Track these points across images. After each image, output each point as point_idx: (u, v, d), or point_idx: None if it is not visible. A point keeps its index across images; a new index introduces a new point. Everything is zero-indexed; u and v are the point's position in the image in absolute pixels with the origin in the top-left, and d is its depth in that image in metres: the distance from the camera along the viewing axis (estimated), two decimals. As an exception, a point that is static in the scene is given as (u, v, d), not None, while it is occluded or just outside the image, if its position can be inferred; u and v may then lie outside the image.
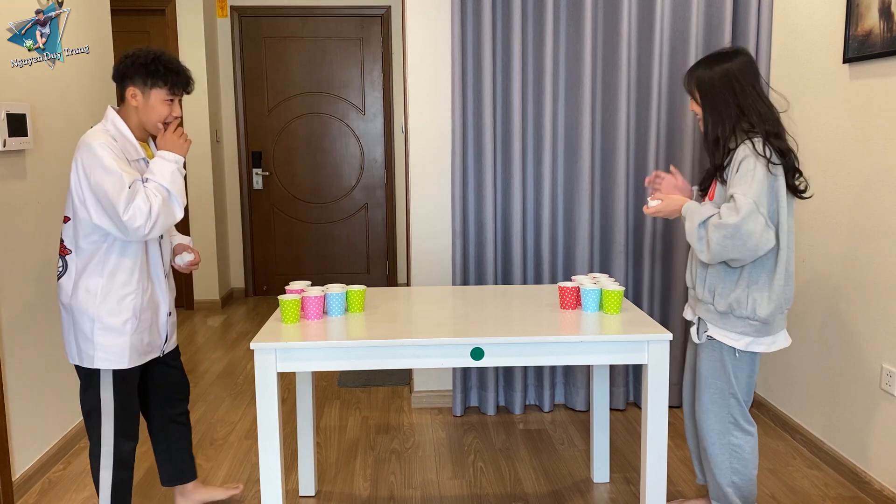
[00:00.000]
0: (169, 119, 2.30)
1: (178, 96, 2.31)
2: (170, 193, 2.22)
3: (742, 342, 2.28)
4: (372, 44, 6.14)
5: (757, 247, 2.13)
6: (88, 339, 2.24)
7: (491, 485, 2.92)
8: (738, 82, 2.21)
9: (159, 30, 5.63)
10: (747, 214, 2.10)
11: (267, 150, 6.20)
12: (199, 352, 4.76)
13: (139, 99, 2.26)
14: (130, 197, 2.14)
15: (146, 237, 2.20)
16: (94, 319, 2.24)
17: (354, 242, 6.36)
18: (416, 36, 3.51)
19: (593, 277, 2.59)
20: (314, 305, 2.36)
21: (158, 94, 2.26)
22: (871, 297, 2.75)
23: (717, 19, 3.41)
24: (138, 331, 2.30)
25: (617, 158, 3.47)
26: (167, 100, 2.28)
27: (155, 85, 2.25)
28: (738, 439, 2.36)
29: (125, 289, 2.26)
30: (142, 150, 2.32)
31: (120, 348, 2.26)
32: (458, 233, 3.48)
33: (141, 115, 2.28)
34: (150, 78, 2.24)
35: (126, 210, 2.13)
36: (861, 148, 2.80)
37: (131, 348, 2.29)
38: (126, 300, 2.26)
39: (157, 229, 2.20)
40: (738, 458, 2.37)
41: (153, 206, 2.16)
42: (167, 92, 2.27)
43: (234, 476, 3.02)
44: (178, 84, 2.28)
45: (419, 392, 3.76)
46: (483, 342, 2.18)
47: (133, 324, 2.28)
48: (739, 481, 2.38)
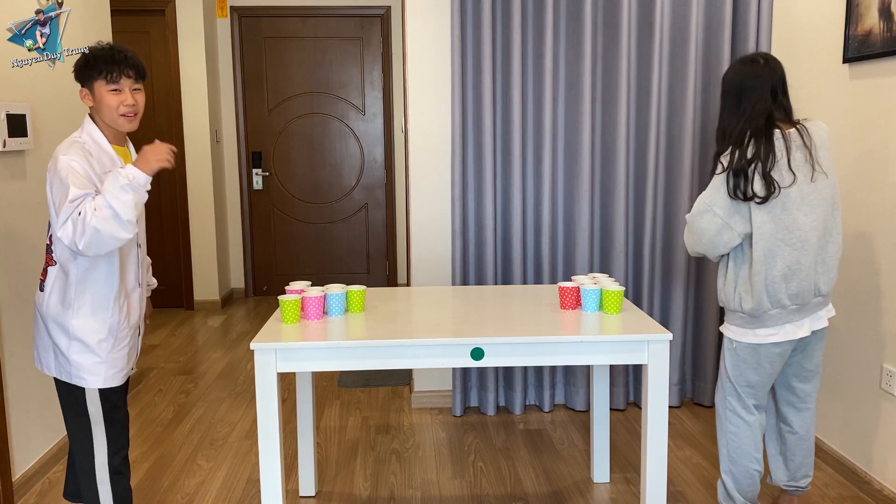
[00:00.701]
0: (123, 109, 2.13)
1: (119, 83, 2.13)
2: (113, 211, 2.00)
3: (736, 333, 2.38)
4: (372, 44, 6.14)
5: (713, 243, 2.32)
6: (64, 355, 2.15)
7: (491, 485, 2.92)
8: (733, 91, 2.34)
9: (159, 30, 5.64)
10: (697, 213, 2.34)
11: (267, 151, 6.20)
12: (199, 352, 4.76)
13: (90, 98, 2.15)
14: (69, 210, 1.99)
15: (82, 253, 2.02)
16: (69, 336, 2.13)
17: (354, 243, 6.36)
18: (416, 36, 3.51)
19: (593, 277, 2.59)
20: (314, 305, 2.36)
21: (100, 87, 2.12)
22: (871, 297, 2.75)
23: (717, 19, 3.41)
24: (116, 349, 2.19)
25: (617, 158, 3.47)
26: (111, 89, 2.12)
27: (91, 79, 2.12)
28: (734, 426, 2.43)
29: (101, 305, 2.15)
30: (119, 158, 2.17)
31: (94, 367, 2.15)
32: (457, 233, 3.48)
33: (99, 114, 2.15)
34: (86, 72, 2.13)
35: (61, 223, 2.00)
36: (861, 148, 2.80)
37: (109, 367, 2.18)
38: (103, 317, 2.16)
39: (91, 246, 2.00)
40: (734, 446, 2.43)
41: (87, 220, 1.98)
42: (105, 81, 2.11)
43: (234, 476, 3.02)
44: (111, 70, 2.11)
45: (419, 392, 3.76)
46: (483, 342, 2.18)
47: (110, 342, 2.18)
48: (736, 472, 2.43)
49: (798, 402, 2.49)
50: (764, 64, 2.31)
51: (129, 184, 2.02)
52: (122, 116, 2.14)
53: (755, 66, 2.31)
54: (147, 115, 5.71)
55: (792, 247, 2.26)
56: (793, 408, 2.50)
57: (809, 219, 2.26)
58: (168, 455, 3.22)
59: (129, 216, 2.02)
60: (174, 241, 5.84)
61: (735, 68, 2.36)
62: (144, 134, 5.73)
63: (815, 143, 2.28)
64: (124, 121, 2.15)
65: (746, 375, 2.39)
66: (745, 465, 2.42)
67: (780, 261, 2.26)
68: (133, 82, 2.16)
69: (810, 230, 2.27)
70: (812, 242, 2.27)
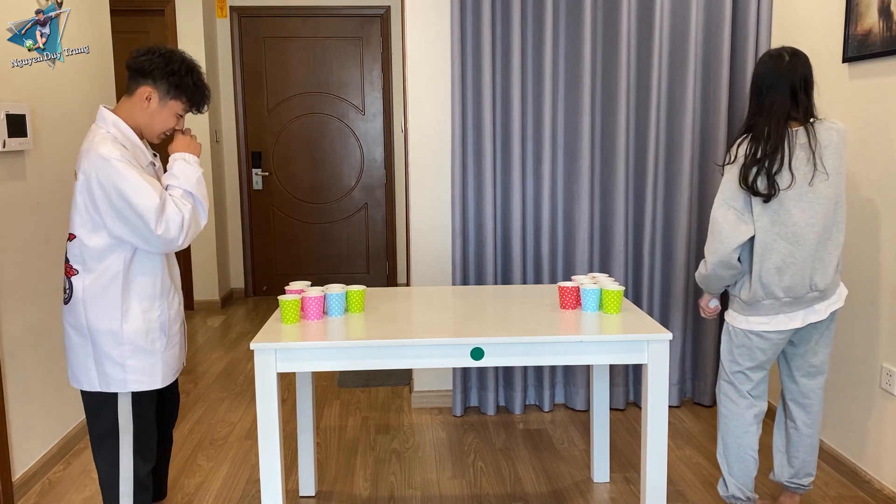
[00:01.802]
0: (170, 131, 2.19)
1: (187, 112, 2.20)
2: (195, 199, 2.10)
3: (733, 317, 2.46)
4: (371, 44, 6.14)
5: (732, 235, 2.32)
6: (117, 363, 2.09)
7: (491, 485, 2.92)
8: (755, 86, 2.37)
9: (159, 30, 5.63)
10: (716, 206, 2.37)
11: (267, 151, 6.20)
12: (199, 352, 4.76)
13: (153, 103, 2.11)
14: (161, 209, 2.01)
15: (179, 248, 2.07)
16: (121, 342, 2.08)
17: (354, 242, 6.36)
18: (415, 36, 3.50)
19: (593, 277, 2.59)
20: (314, 305, 2.36)
21: (175, 106, 2.14)
22: (871, 296, 2.75)
23: (717, 19, 3.41)
24: (169, 346, 2.19)
25: (617, 158, 3.47)
26: (179, 114, 2.17)
27: (177, 97, 2.12)
28: (726, 409, 2.52)
29: (150, 304, 2.13)
30: (150, 152, 2.19)
31: (152, 368, 2.13)
32: (457, 232, 3.48)
33: (145, 118, 2.12)
34: (174, 88, 2.11)
35: (158, 224, 2.00)
36: (860, 147, 2.80)
37: (165, 366, 2.17)
38: (152, 317, 2.13)
39: (188, 239, 2.08)
40: (724, 427, 2.53)
41: (185, 215, 2.05)
42: (184, 107, 2.16)
43: (234, 476, 3.02)
44: (198, 103, 2.18)
45: (419, 392, 3.76)
46: (483, 342, 2.18)
47: (163, 341, 2.16)
48: (728, 455, 2.51)
49: (802, 399, 2.51)
50: (788, 61, 2.31)
51: (201, 174, 2.15)
52: (164, 135, 2.20)
53: (778, 62, 2.31)
54: (147, 115, 5.71)
55: (787, 241, 2.29)
56: (797, 404, 2.52)
57: (807, 216, 2.28)
58: (168, 455, 3.22)
59: (207, 203, 2.15)
60: (174, 241, 5.83)
61: (761, 62, 2.36)
62: (144, 134, 5.74)
63: (821, 143, 2.29)
64: (161, 137, 2.20)
65: (739, 360, 2.46)
66: (735, 449, 2.50)
67: (775, 254, 2.31)
68: None
69: (807, 227, 2.28)
70: (808, 238, 2.29)
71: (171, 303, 2.21)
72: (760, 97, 2.33)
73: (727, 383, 2.51)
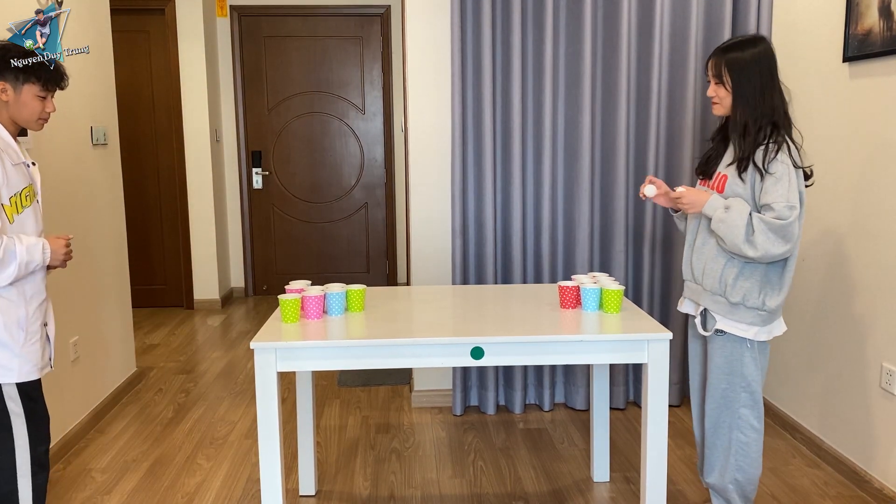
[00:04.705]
0: (44, 115, 2.18)
1: (52, 92, 2.18)
2: (14, 259, 2.05)
3: (751, 332, 2.29)
4: (372, 43, 6.14)
5: (794, 245, 2.21)
6: None
7: (491, 484, 2.92)
8: (767, 68, 2.24)
9: (159, 29, 5.63)
10: (794, 219, 2.16)
11: (267, 150, 6.20)
12: (199, 351, 4.76)
13: (10, 94, 2.11)
14: None
15: None
16: None
17: (354, 242, 6.36)
18: (415, 36, 3.51)
19: (593, 276, 2.59)
20: (314, 305, 2.36)
21: (31, 90, 2.12)
22: (871, 295, 2.75)
23: (717, 19, 3.41)
24: (28, 342, 2.15)
25: (617, 158, 3.47)
26: (40, 96, 2.14)
27: (28, 81, 2.12)
28: (746, 436, 2.35)
29: (13, 299, 2.13)
30: (21, 152, 2.18)
31: (8, 361, 2.12)
32: (457, 232, 3.48)
33: (12, 112, 2.14)
34: (22, 73, 2.11)
35: None
36: (860, 147, 2.80)
37: (25, 361, 2.14)
38: (12, 310, 2.12)
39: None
40: (743, 455, 2.36)
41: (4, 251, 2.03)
42: (40, 88, 2.14)
43: (234, 475, 3.02)
44: (52, 80, 2.16)
45: (419, 391, 3.76)
46: (483, 341, 2.18)
47: (20, 336, 2.13)
48: (742, 479, 2.38)
49: (708, 397, 2.44)
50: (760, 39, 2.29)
51: (32, 260, 2.09)
52: (40, 120, 2.20)
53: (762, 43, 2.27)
54: (147, 115, 5.72)
55: None
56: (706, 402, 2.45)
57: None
58: (168, 454, 3.22)
59: (14, 276, 2.07)
60: (174, 240, 5.84)
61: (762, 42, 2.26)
62: (145, 133, 5.74)
63: None
64: (41, 124, 2.21)
65: (760, 378, 2.34)
66: (752, 473, 2.38)
67: None
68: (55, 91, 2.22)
69: None
70: None
71: (30, 301, 2.18)
72: (773, 79, 2.25)
73: (749, 409, 2.34)
